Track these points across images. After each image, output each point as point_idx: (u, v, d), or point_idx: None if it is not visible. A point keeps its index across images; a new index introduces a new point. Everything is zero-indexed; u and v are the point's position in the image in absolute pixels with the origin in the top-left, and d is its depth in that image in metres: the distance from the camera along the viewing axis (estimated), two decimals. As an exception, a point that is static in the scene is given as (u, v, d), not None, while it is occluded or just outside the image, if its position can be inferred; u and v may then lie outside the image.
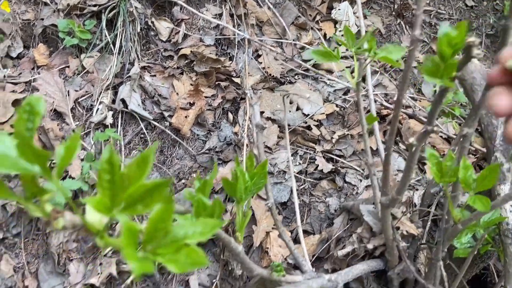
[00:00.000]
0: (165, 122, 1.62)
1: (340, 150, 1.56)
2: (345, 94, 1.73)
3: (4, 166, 0.37)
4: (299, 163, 1.53)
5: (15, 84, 1.54)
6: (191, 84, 1.73)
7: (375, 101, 1.46)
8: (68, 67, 1.60)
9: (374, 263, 1.18)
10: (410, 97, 1.71)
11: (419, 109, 1.69)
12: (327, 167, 1.51)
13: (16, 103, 1.47)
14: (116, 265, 1.34)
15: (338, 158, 1.54)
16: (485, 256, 1.09)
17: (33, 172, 0.38)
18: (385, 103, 1.52)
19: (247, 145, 1.50)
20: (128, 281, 1.36)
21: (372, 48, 1.02)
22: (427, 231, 1.25)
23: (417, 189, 1.37)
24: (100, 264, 1.33)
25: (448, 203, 0.88)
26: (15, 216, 1.37)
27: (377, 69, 1.71)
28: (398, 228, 1.16)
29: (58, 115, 1.51)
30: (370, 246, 1.18)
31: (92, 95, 1.57)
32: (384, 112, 1.63)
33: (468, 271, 1.14)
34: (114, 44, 1.66)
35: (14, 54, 1.59)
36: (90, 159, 1.38)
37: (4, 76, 1.53)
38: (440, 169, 0.81)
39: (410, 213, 1.23)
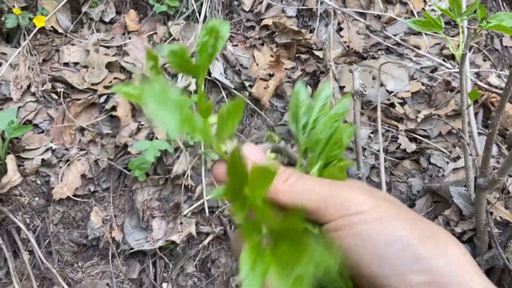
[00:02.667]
0: (245, 92, 1.63)
1: (425, 130, 1.49)
2: (432, 72, 1.64)
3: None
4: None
5: (108, 47, 1.61)
6: (272, 55, 1.72)
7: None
8: (156, 33, 1.65)
9: (461, 248, 1.13)
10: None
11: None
12: (411, 147, 1.45)
13: (109, 65, 1.55)
14: (195, 226, 1.39)
15: (422, 139, 1.47)
16: None
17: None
18: (479, 83, 1.42)
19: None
20: (206, 241, 1.41)
21: (483, 17, 0.95)
22: (520, 221, 1.17)
23: (511, 176, 1.28)
24: (181, 223, 1.39)
25: None
26: (106, 172, 1.46)
27: (474, 44, 1.60)
28: (491, 214, 1.10)
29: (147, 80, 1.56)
30: (458, 229, 1.13)
31: (177, 61, 1.61)
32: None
33: None
34: (199, 13, 1.69)
35: (107, 19, 1.67)
36: (176, 122, 1.43)
37: (98, 40, 1.62)
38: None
39: (504, 199, 1.15)
